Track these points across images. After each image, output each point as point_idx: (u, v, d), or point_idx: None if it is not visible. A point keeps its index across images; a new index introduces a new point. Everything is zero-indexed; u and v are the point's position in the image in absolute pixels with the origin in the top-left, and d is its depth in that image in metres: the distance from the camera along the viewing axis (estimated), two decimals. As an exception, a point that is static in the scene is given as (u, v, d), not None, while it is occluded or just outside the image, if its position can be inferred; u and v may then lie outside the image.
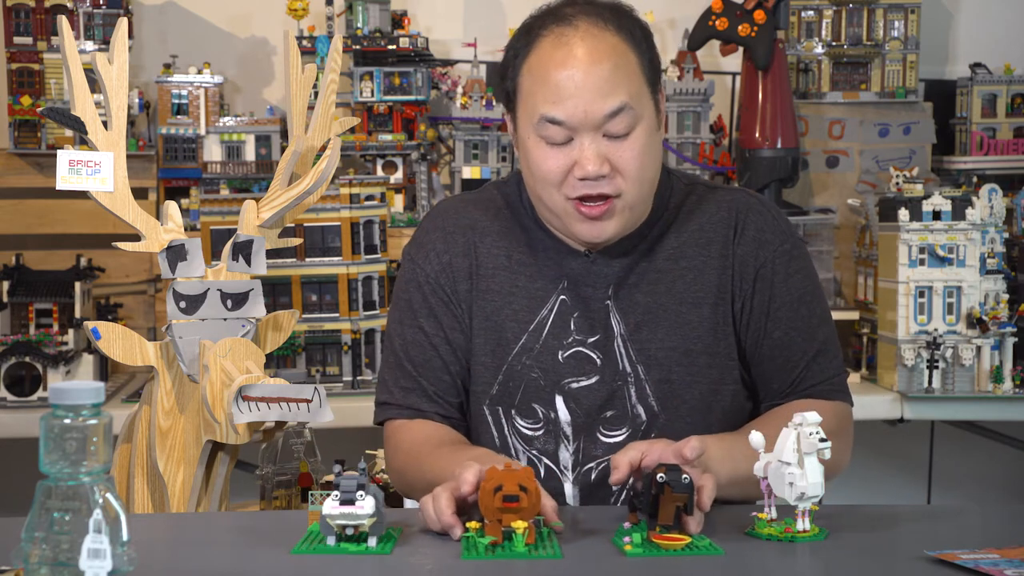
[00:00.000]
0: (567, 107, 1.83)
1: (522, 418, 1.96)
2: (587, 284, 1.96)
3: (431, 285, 2.00)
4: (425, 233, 2.04)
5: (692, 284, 1.95)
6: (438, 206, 2.10)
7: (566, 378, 1.95)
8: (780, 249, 1.98)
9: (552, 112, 1.84)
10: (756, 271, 1.96)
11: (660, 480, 1.51)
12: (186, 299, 1.98)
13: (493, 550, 1.50)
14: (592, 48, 1.84)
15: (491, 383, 1.96)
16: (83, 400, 1.21)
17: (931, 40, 3.80)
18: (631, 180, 1.86)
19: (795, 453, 1.55)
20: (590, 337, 1.95)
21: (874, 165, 3.70)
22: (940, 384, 3.15)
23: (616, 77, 1.84)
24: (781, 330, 1.96)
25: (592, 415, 1.94)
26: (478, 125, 3.59)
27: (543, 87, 1.85)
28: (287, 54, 2.20)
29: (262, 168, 3.47)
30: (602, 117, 1.83)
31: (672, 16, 3.78)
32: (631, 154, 1.85)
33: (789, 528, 1.57)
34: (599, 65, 1.83)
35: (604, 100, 1.83)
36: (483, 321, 1.97)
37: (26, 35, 3.43)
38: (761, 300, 1.96)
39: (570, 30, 1.85)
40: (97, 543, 1.16)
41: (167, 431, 1.99)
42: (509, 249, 1.99)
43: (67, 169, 1.97)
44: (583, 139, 1.84)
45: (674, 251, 1.97)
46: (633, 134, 1.86)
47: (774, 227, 2.00)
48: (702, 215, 1.99)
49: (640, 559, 1.48)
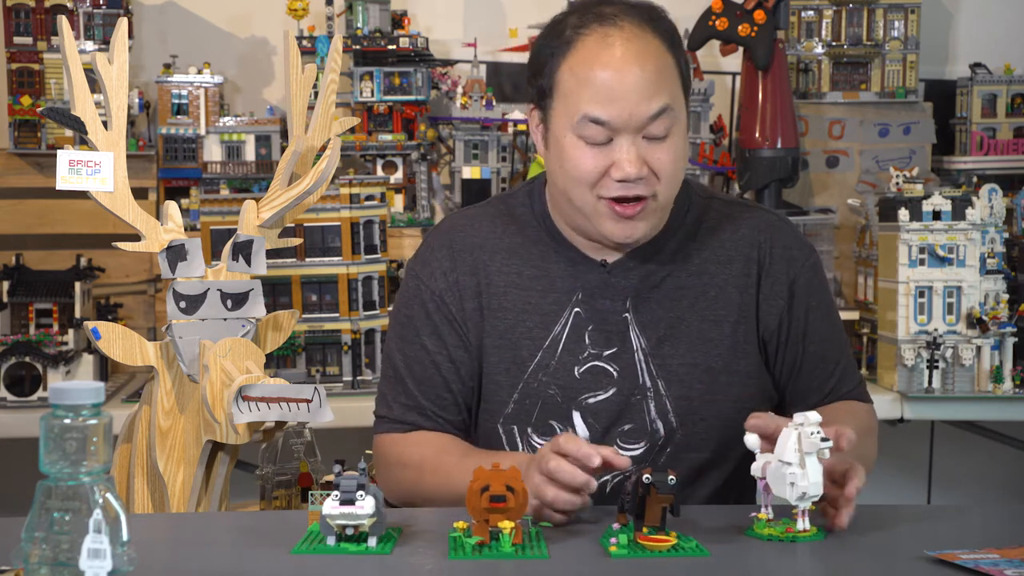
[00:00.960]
0: (613, 108, 1.83)
1: (539, 435, 1.95)
2: (604, 296, 1.95)
3: (436, 303, 1.99)
4: (431, 251, 2.03)
5: (714, 301, 1.95)
6: (444, 222, 2.09)
7: (583, 393, 1.94)
8: (807, 263, 2.01)
9: (596, 112, 1.83)
10: (789, 286, 1.98)
11: (646, 481, 1.51)
12: (186, 299, 1.98)
13: (480, 550, 1.50)
14: (638, 50, 1.84)
15: (506, 402, 1.96)
16: (83, 400, 1.21)
17: (931, 40, 3.80)
18: (665, 182, 1.87)
19: (796, 453, 1.55)
20: (606, 350, 1.94)
21: (874, 165, 3.69)
22: (940, 384, 3.15)
23: (659, 79, 1.84)
24: (816, 342, 1.99)
25: (609, 428, 1.93)
26: (478, 125, 3.59)
27: (587, 87, 1.84)
28: (287, 54, 2.20)
29: (262, 168, 3.47)
30: (646, 119, 1.83)
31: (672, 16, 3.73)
32: (668, 156, 1.86)
33: (790, 528, 1.57)
34: (644, 67, 1.83)
35: (649, 102, 1.83)
36: (496, 340, 1.96)
37: (26, 35, 3.43)
38: (797, 314, 1.98)
39: (615, 30, 1.85)
40: (97, 543, 1.16)
41: (167, 431, 1.99)
42: (520, 266, 1.98)
43: (67, 169, 1.97)
44: (623, 141, 1.84)
45: (697, 267, 1.97)
46: (671, 136, 1.86)
47: (797, 242, 2.03)
48: (723, 232, 1.99)
49: (625, 560, 1.49)
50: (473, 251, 2.00)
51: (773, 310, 1.97)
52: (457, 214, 2.11)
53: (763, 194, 3.51)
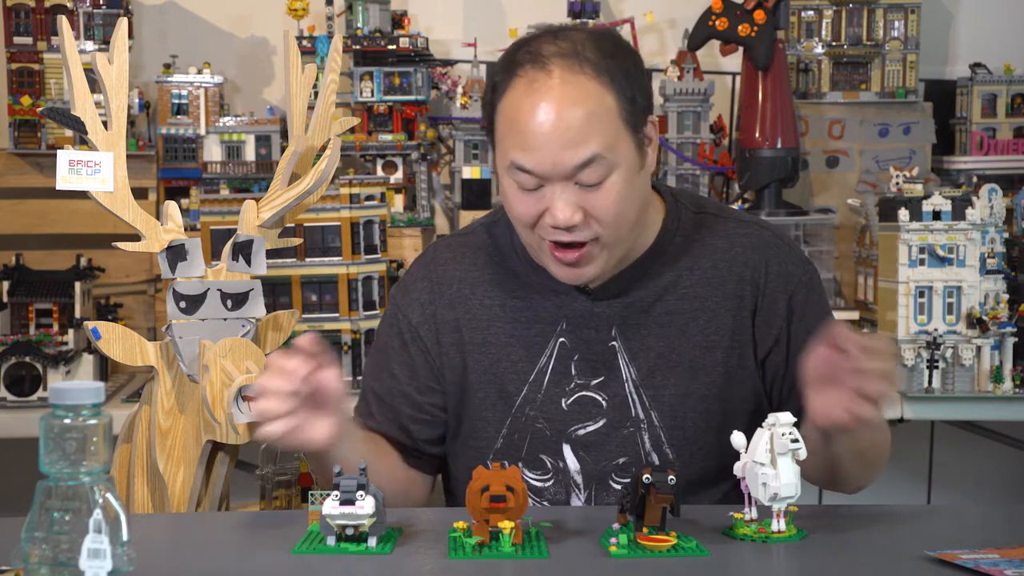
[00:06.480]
0: (535, 157, 1.76)
1: (530, 470, 1.93)
2: (589, 326, 1.91)
3: (411, 334, 1.98)
4: (413, 281, 2.02)
5: (706, 327, 1.91)
6: (428, 251, 2.06)
7: (571, 425, 1.91)
8: (804, 279, 1.95)
9: (521, 160, 1.78)
10: (787, 304, 1.93)
11: (646, 481, 1.51)
12: (186, 299, 1.98)
13: (480, 550, 1.50)
14: (563, 96, 1.75)
15: (495, 437, 1.94)
16: (83, 400, 1.21)
17: (931, 40, 3.79)
18: (607, 225, 1.80)
19: (768, 454, 1.55)
20: (593, 379, 1.91)
21: (874, 165, 3.69)
22: (940, 384, 3.14)
23: (588, 126, 1.75)
24: None
25: (603, 463, 1.91)
26: (478, 125, 3.58)
27: (512, 133, 1.79)
28: (287, 54, 2.20)
29: (262, 168, 3.47)
30: (571, 168, 1.76)
31: (672, 16, 3.77)
32: (605, 202, 1.78)
33: (763, 529, 1.57)
34: (571, 113, 1.75)
35: (574, 151, 1.75)
36: (480, 376, 1.94)
37: (26, 35, 3.43)
38: (797, 331, 1.92)
39: (543, 75, 1.76)
40: (97, 543, 1.16)
41: (167, 431, 1.99)
42: (503, 298, 1.95)
43: (67, 169, 1.97)
44: (554, 188, 1.78)
45: (687, 290, 1.92)
46: (607, 182, 1.78)
47: (792, 258, 1.97)
48: (715, 252, 1.94)
49: (625, 560, 1.49)
50: (452, 284, 1.98)
51: (772, 331, 1.93)
52: (441, 243, 2.07)
53: (763, 194, 3.50)
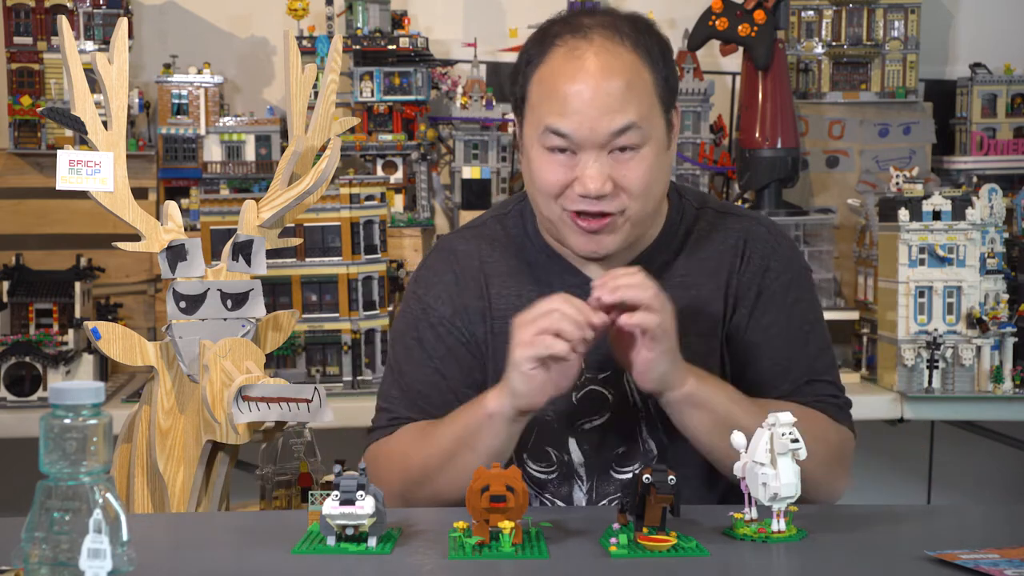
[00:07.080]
0: (573, 121, 1.79)
1: (534, 462, 1.93)
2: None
3: (446, 327, 1.95)
4: (435, 274, 2.00)
5: (699, 314, 1.92)
6: (443, 247, 2.04)
7: (579, 419, 1.91)
8: (783, 278, 1.94)
9: (558, 124, 1.80)
10: (757, 296, 1.93)
11: (646, 481, 1.51)
12: (186, 299, 1.98)
13: (480, 550, 1.50)
14: (604, 64, 1.80)
15: None
16: (83, 400, 1.21)
17: (931, 40, 3.80)
18: (635, 198, 1.82)
19: (768, 453, 1.55)
20: (600, 373, 1.91)
21: (874, 165, 3.69)
22: (940, 384, 3.15)
23: (627, 95, 1.80)
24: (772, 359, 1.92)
25: (604, 454, 1.91)
26: (478, 125, 3.59)
27: (551, 99, 1.81)
28: (287, 54, 2.19)
29: (262, 168, 3.47)
30: (608, 135, 1.79)
31: (672, 16, 3.77)
32: (636, 173, 1.81)
33: (763, 529, 1.57)
34: (610, 82, 1.79)
35: (611, 118, 1.79)
36: (498, 366, 1.91)
37: (26, 35, 3.43)
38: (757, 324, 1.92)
39: (584, 43, 1.81)
40: (97, 543, 1.16)
41: (167, 431, 1.99)
42: (519, 288, 1.95)
43: (67, 169, 1.97)
44: (587, 156, 1.81)
45: (683, 279, 1.93)
46: (640, 152, 1.81)
47: (779, 255, 1.96)
48: (711, 243, 1.95)
49: (625, 560, 1.49)
50: (476, 275, 1.97)
51: (735, 315, 1.93)
52: (455, 236, 2.07)
53: (763, 194, 3.50)
